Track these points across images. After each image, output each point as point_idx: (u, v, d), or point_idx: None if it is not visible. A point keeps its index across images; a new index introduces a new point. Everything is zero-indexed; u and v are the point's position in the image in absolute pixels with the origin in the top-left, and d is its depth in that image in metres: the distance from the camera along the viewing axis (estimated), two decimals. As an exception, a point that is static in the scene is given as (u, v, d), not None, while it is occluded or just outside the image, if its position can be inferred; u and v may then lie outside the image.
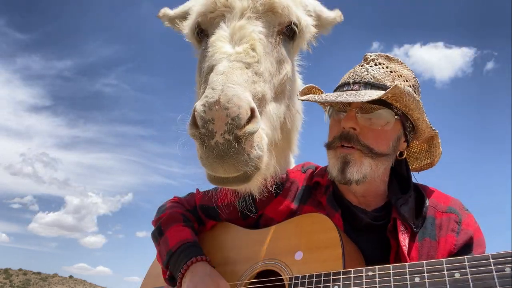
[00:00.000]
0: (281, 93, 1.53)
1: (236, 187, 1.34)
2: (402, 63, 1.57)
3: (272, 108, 1.43)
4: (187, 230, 1.66)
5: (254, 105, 1.17)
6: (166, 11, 1.91)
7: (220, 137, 1.11)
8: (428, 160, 1.68)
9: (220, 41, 1.33)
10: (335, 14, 1.80)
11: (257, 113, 1.18)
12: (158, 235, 1.70)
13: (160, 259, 1.67)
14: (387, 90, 1.35)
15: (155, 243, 1.72)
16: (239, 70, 1.23)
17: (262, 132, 1.25)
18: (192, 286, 1.45)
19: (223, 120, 1.10)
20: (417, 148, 1.71)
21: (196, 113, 1.13)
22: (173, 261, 1.57)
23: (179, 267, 1.53)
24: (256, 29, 1.36)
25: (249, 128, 1.15)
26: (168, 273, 1.62)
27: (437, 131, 1.56)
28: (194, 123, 1.16)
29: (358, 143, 1.45)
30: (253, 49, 1.32)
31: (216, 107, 1.10)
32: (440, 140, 1.60)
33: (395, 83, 1.34)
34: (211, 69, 1.27)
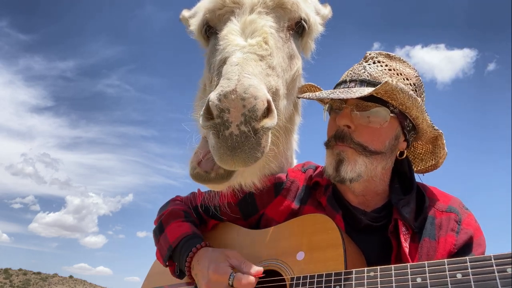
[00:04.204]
0: (292, 89, 1.52)
1: (215, 185, 1.28)
2: (404, 62, 1.55)
3: (283, 106, 1.42)
4: (186, 224, 1.66)
5: (270, 97, 1.15)
6: (184, 13, 1.87)
7: (236, 128, 1.08)
8: (433, 162, 1.66)
9: (232, 34, 1.31)
10: (327, 11, 1.81)
11: (273, 106, 1.15)
12: (159, 232, 1.69)
13: (160, 256, 1.66)
14: (377, 87, 1.34)
15: (155, 240, 1.71)
16: (253, 61, 1.21)
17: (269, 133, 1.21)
18: (206, 270, 1.43)
19: (239, 110, 1.07)
20: (422, 149, 1.69)
21: (210, 103, 1.10)
22: (177, 256, 1.57)
23: (183, 260, 1.53)
24: (267, 23, 1.35)
25: (267, 123, 1.12)
26: (176, 269, 1.62)
27: (441, 131, 1.54)
28: (208, 114, 1.12)
29: (351, 141, 1.44)
30: (266, 42, 1.30)
31: (232, 96, 1.07)
32: (445, 141, 1.57)
33: (386, 80, 1.33)
34: (223, 61, 1.24)
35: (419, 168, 1.70)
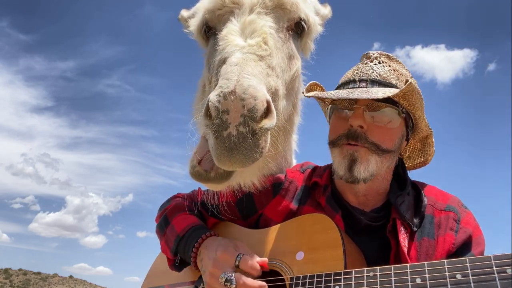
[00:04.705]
0: (291, 90, 1.52)
1: (214, 185, 1.28)
2: (400, 63, 1.58)
3: (283, 107, 1.42)
4: (193, 216, 1.66)
5: (269, 98, 1.15)
6: (182, 12, 1.87)
7: (234, 129, 1.08)
8: (422, 159, 1.70)
9: (232, 34, 1.31)
10: (327, 11, 1.81)
11: (272, 107, 1.16)
12: (164, 224, 1.69)
13: (166, 248, 1.66)
14: (403, 87, 1.36)
15: (161, 234, 1.71)
16: (253, 62, 1.21)
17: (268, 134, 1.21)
18: (214, 252, 1.44)
19: (238, 111, 1.07)
20: (409, 147, 1.72)
21: (210, 103, 1.10)
22: (183, 244, 1.57)
23: (190, 247, 1.53)
24: (266, 24, 1.35)
25: (266, 124, 1.12)
26: (177, 259, 1.62)
27: (432, 130, 1.58)
28: (208, 114, 1.12)
29: (366, 141, 1.44)
30: (265, 43, 1.30)
31: (232, 97, 1.07)
32: (433, 139, 1.62)
33: (394, 81, 1.34)
34: (223, 61, 1.24)
35: (407, 165, 1.72)
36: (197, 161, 1.24)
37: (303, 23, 1.52)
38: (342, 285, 1.23)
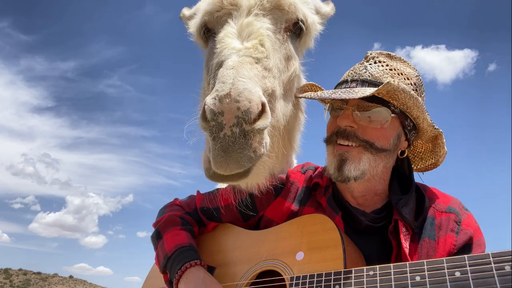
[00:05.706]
0: (289, 90, 1.53)
1: (233, 183, 1.31)
2: (404, 61, 1.56)
3: (281, 106, 1.43)
4: (183, 234, 1.65)
5: (265, 100, 1.17)
6: (184, 11, 1.89)
7: (229, 129, 1.10)
8: (433, 160, 1.67)
9: (229, 37, 1.33)
10: (329, 8, 1.82)
11: (267, 108, 1.17)
12: (156, 238, 1.69)
13: (157, 263, 1.66)
14: (379, 87, 1.35)
15: (154, 246, 1.71)
16: (248, 64, 1.22)
17: (266, 133, 1.23)
18: None
19: (233, 113, 1.09)
20: (421, 148, 1.70)
21: (206, 106, 1.12)
22: (170, 265, 1.56)
23: (175, 272, 1.52)
24: (264, 26, 1.37)
25: (260, 124, 1.14)
26: (168, 276, 1.62)
27: (441, 130, 1.55)
28: (204, 116, 1.15)
29: (357, 139, 1.44)
30: (262, 45, 1.31)
31: (227, 100, 1.09)
32: (444, 140, 1.58)
33: (388, 80, 1.33)
34: (220, 64, 1.26)
35: (419, 166, 1.71)
36: (209, 163, 1.25)
37: (301, 23, 1.53)
38: (342, 284, 1.23)
